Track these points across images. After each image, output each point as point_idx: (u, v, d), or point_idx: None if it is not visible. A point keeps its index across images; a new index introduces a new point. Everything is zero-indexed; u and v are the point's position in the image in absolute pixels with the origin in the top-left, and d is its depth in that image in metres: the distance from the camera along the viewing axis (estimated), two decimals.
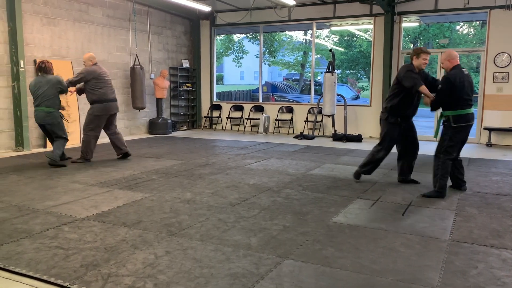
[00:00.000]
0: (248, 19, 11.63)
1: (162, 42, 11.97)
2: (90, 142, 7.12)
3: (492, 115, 9.79)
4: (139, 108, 10.82)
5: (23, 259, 3.18)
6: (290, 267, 3.08)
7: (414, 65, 5.33)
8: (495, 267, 3.11)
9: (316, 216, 4.27)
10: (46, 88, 6.61)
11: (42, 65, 6.72)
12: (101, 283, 2.80)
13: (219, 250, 3.37)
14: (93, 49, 9.81)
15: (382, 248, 3.45)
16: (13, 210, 4.41)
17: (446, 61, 5.03)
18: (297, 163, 7.26)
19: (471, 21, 19.80)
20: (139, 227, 3.91)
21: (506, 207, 4.67)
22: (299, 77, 26.70)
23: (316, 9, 11.41)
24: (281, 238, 3.66)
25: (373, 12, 10.75)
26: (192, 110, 13.22)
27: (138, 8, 10.93)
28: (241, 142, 9.91)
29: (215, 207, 4.57)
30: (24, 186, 5.46)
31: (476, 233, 3.82)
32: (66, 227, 3.90)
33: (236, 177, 6.05)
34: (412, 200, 4.86)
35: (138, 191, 5.20)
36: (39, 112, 6.66)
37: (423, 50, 5.33)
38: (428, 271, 3.04)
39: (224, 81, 35.87)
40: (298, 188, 5.44)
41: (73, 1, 9.34)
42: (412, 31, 21.95)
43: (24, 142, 8.27)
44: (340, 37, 24.45)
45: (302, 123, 11.79)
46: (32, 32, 8.57)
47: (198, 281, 2.84)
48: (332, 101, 10.59)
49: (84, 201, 4.75)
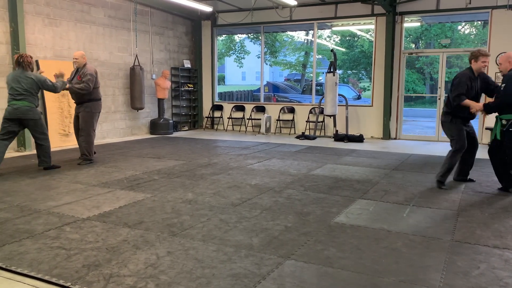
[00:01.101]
0: (250, 19, 11.64)
1: (163, 43, 11.98)
2: (92, 141, 7.00)
3: (493, 115, 9.73)
4: (137, 109, 10.82)
5: (25, 259, 3.18)
6: (291, 267, 3.08)
7: (473, 69, 5.32)
8: (498, 268, 3.10)
9: (318, 217, 4.27)
10: (27, 84, 6.15)
11: (20, 59, 6.21)
12: (102, 284, 2.80)
13: (220, 250, 3.37)
14: (94, 49, 9.83)
15: (384, 249, 3.44)
16: (15, 210, 4.42)
17: (507, 62, 5.05)
18: (299, 163, 7.25)
19: (473, 21, 19.77)
20: (140, 227, 3.91)
21: (508, 208, 4.65)
22: (301, 77, 26.67)
23: (318, 9, 11.40)
24: (283, 238, 3.65)
25: (375, 12, 10.74)
26: (194, 110, 13.23)
27: (139, 8, 10.94)
28: (242, 143, 9.91)
29: (217, 207, 4.57)
30: (26, 186, 5.47)
31: (478, 234, 3.81)
32: (68, 227, 3.90)
33: (238, 178, 6.05)
34: (414, 200, 4.85)
35: (140, 192, 5.21)
36: (19, 106, 6.09)
37: (481, 53, 5.28)
38: (430, 271, 3.03)
39: (225, 81, 35.87)
40: (299, 189, 5.44)
41: (74, 2, 9.35)
42: (413, 31, 21.93)
43: (26, 142, 8.28)
44: (341, 37, 24.44)
45: (303, 123, 11.78)
46: (34, 33, 8.59)
47: (199, 282, 2.84)
48: (334, 101, 10.59)
49: (86, 202, 4.76)
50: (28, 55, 6.29)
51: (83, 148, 6.94)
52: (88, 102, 6.89)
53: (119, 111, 10.67)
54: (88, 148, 6.95)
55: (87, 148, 6.94)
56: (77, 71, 6.96)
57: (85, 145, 6.93)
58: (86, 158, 6.96)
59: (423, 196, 5.09)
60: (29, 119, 6.21)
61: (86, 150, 6.94)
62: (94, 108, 6.94)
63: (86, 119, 6.91)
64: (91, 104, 6.91)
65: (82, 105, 6.91)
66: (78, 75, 6.87)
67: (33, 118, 6.24)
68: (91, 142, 6.96)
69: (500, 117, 5.13)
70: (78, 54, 7.01)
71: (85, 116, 6.91)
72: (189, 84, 12.87)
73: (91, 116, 6.93)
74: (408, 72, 18.01)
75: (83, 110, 6.91)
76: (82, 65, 6.92)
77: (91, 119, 6.93)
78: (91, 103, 6.91)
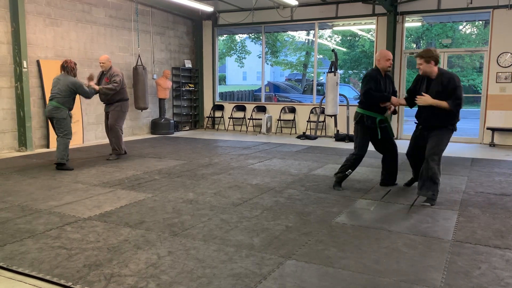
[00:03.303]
0: (251, 19, 11.64)
1: (164, 43, 11.99)
2: (121, 137, 7.49)
3: (495, 115, 9.76)
4: (141, 109, 10.83)
5: (26, 259, 3.19)
6: (292, 267, 3.08)
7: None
8: (499, 268, 3.10)
9: (319, 216, 4.27)
10: (62, 86, 6.69)
11: (65, 64, 6.85)
12: (103, 283, 2.81)
13: (221, 250, 3.37)
14: (95, 49, 9.83)
15: (385, 249, 3.44)
16: (17, 210, 4.43)
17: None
18: (300, 163, 7.25)
19: (474, 21, 19.74)
20: (141, 227, 3.91)
21: (509, 207, 4.65)
22: (302, 77, 26.65)
23: (319, 9, 11.40)
24: (283, 238, 3.65)
25: (376, 12, 10.74)
26: (195, 110, 13.23)
27: (140, 8, 10.94)
28: (243, 142, 9.91)
29: (218, 207, 4.57)
30: (27, 186, 5.47)
31: (479, 234, 3.81)
32: (69, 227, 3.90)
33: (238, 177, 6.05)
34: (416, 199, 4.85)
35: (141, 191, 5.21)
36: (48, 106, 6.76)
37: None
38: (431, 271, 3.03)
39: (226, 81, 35.86)
40: (300, 188, 5.44)
41: (76, 2, 9.36)
42: (414, 31, 21.90)
43: (27, 142, 8.29)
44: (342, 37, 24.41)
45: (304, 123, 11.78)
46: (35, 33, 8.59)
47: (200, 281, 2.84)
48: (335, 101, 10.58)
49: (87, 201, 4.76)
50: (73, 62, 6.84)
51: (114, 144, 7.47)
52: (117, 102, 7.41)
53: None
54: (118, 144, 7.45)
55: (117, 143, 7.45)
56: (102, 74, 7.49)
57: (115, 140, 7.45)
58: (116, 152, 7.45)
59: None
60: (53, 117, 6.71)
61: (116, 145, 7.45)
62: (123, 107, 7.48)
63: (115, 117, 7.42)
64: (120, 103, 7.43)
65: (112, 104, 7.43)
66: (105, 77, 7.39)
67: (57, 117, 6.69)
68: (120, 138, 7.47)
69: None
70: (104, 58, 7.47)
71: (114, 114, 7.42)
72: (190, 84, 12.87)
73: (120, 115, 7.45)
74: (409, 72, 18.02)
75: (113, 109, 7.43)
76: (107, 68, 7.41)
77: (120, 117, 7.46)
78: (120, 103, 7.43)
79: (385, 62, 5.22)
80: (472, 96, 21.85)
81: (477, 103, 18.87)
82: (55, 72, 8.87)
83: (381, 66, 5.24)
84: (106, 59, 7.44)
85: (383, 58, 5.22)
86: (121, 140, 7.49)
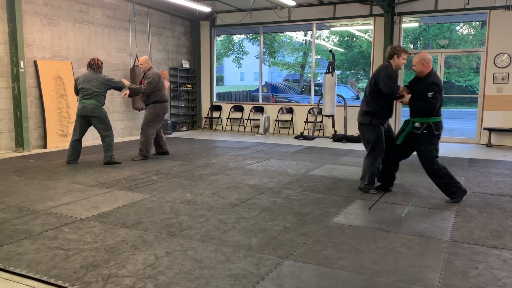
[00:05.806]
0: (248, 19, 11.63)
1: (162, 43, 11.98)
2: (150, 140, 7.48)
3: (492, 115, 9.79)
4: (139, 109, 10.80)
5: (23, 260, 3.18)
6: (290, 267, 3.08)
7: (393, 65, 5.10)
8: (496, 268, 3.11)
9: (316, 217, 4.27)
10: (97, 83, 6.75)
11: (92, 62, 6.90)
12: (101, 284, 2.80)
13: (219, 250, 3.37)
14: (93, 50, 9.82)
15: (382, 249, 3.44)
16: (14, 210, 4.41)
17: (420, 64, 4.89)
18: (297, 163, 7.26)
19: (471, 22, 19.80)
20: (139, 227, 3.91)
21: (506, 208, 4.66)
22: (299, 78, 26.69)
23: (316, 10, 11.41)
24: (281, 238, 3.65)
25: (373, 13, 10.75)
26: (192, 110, 13.23)
27: (138, 8, 10.93)
28: (241, 143, 9.91)
29: (216, 207, 4.57)
30: (24, 186, 5.46)
31: (476, 234, 3.82)
32: (66, 227, 3.90)
33: (236, 178, 6.05)
34: (412, 200, 4.86)
35: (138, 192, 5.20)
36: (87, 104, 6.71)
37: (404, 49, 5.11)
38: (428, 271, 3.03)
39: (224, 81, 35.86)
40: (298, 189, 5.44)
41: (73, 2, 9.34)
42: (412, 32, 21.93)
43: (24, 143, 8.27)
44: (340, 38, 24.43)
45: (302, 123, 11.79)
46: (32, 33, 8.57)
47: (198, 282, 2.84)
48: (332, 101, 10.58)
49: (84, 202, 4.75)
50: (99, 59, 6.96)
51: (141, 144, 7.48)
52: (152, 104, 7.46)
53: (117, 112, 10.65)
54: (146, 146, 7.45)
55: (144, 145, 7.45)
56: (144, 75, 7.54)
57: (143, 141, 7.46)
58: (142, 154, 7.44)
59: (421, 197, 5.10)
60: (94, 116, 6.79)
61: (144, 147, 7.45)
62: (157, 110, 7.47)
63: (147, 119, 7.45)
64: (155, 105, 7.46)
65: (148, 106, 7.51)
66: (142, 79, 7.51)
67: (98, 116, 6.81)
68: (149, 140, 7.46)
69: (413, 120, 4.93)
70: (143, 60, 7.54)
71: (147, 116, 7.47)
72: (188, 84, 12.86)
73: (151, 117, 7.44)
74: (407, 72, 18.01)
75: (147, 111, 7.51)
76: (147, 69, 7.47)
77: (151, 120, 7.43)
78: (155, 105, 7.46)
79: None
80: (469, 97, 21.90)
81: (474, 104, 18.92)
82: (52, 72, 8.89)
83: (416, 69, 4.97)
84: (143, 60, 7.49)
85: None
86: (149, 142, 7.45)
